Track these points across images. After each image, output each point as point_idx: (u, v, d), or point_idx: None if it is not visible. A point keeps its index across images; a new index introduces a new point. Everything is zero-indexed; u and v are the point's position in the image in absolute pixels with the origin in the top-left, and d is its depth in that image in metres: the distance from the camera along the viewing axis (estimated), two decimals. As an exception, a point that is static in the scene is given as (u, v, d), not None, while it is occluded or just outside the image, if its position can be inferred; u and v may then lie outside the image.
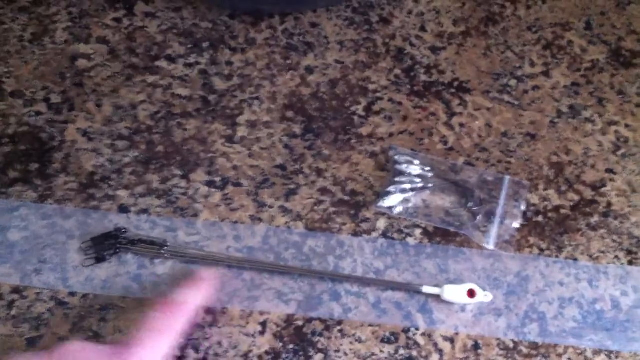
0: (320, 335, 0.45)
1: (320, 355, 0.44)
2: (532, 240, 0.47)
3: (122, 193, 0.50)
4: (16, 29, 0.56)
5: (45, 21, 0.57)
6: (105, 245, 0.48)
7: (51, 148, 0.51)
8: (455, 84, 0.54)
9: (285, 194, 0.50)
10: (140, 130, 0.52)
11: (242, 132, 0.52)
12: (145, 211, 0.49)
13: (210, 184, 0.50)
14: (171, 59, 0.55)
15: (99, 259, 0.47)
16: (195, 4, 0.57)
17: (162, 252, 0.47)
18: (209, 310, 0.45)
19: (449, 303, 0.46)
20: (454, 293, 0.45)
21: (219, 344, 0.44)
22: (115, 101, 0.54)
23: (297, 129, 0.52)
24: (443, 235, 0.48)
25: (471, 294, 0.45)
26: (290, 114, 0.53)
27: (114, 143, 0.52)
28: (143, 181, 0.50)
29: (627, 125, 0.51)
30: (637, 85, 0.52)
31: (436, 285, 0.46)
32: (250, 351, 0.44)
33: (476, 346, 0.44)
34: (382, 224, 0.48)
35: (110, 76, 0.55)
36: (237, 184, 0.50)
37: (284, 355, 0.44)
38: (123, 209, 0.49)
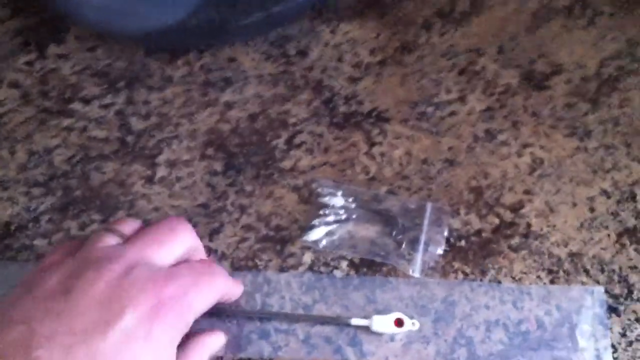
0: (250, 376, 0.44)
1: (250, 397, 0.43)
2: (456, 265, 0.48)
3: (40, 242, 0.48)
4: None
5: (-48, 67, 0.55)
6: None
7: (-38, 199, 0.50)
8: (374, 113, 0.54)
9: (209, 233, 0.49)
10: (56, 175, 0.51)
11: (161, 172, 0.51)
12: (65, 259, 0.48)
13: (131, 227, 0.49)
14: (86, 101, 0.54)
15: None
16: (109, 43, 0.56)
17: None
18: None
19: (378, 334, 0.46)
20: (382, 323, 0.45)
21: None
22: (29, 147, 0.52)
23: (218, 166, 0.52)
24: (369, 265, 0.48)
25: (399, 323, 0.45)
26: (210, 151, 0.52)
27: (29, 190, 0.51)
28: (61, 228, 0.49)
29: (541, 147, 0.52)
30: (549, 107, 0.54)
31: (365, 317, 0.46)
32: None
33: (407, 376, 0.44)
34: (308, 257, 0.48)
35: (23, 121, 0.53)
36: (160, 226, 0.49)
37: (213, 400, 0.43)
38: (41, 258, 0.48)
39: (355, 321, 0.45)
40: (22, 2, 0.59)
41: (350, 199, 0.50)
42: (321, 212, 0.50)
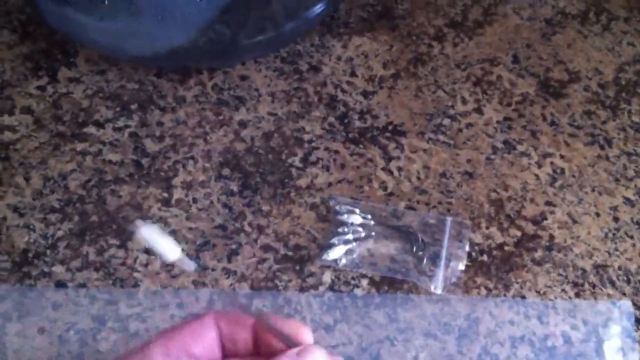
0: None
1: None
2: (479, 280, 0.47)
3: (58, 269, 0.48)
4: None
5: (-35, 94, 0.55)
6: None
7: (-22, 229, 0.49)
8: (390, 127, 0.53)
9: (227, 255, 0.48)
10: (72, 200, 0.51)
11: (178, 194, 0.51)
12: (83, 285, 0.47)
13: (149, 251, 0.49)
14: (99, 124, 0.54)
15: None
16: (120, 65, 0.56)
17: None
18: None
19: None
20: None
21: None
22: (44, 172, 0.52)
23: (234, 187, 0.51)
24: (390, 283, 0.47)
25: None
26: (226, 171, 0.52)
27: (45, 217, 0.50)
28: (79, 254, 0.49)
29: (561, 156, 0.51)
30: (568, 115, 0.53)
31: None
32: None
33: (432, 396, 0.44)
34: (328, 277, 0.48)
35: (37, 147, 0.53)
36: (177, 249, 0.49)
37: None
38: (60, 285, 0.47)
39: (378, 341, 0.45)
40: (31, 26, 0.59)
41: (369, 216, 0.49)
42: (340, 230, 0.49)
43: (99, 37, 0.53)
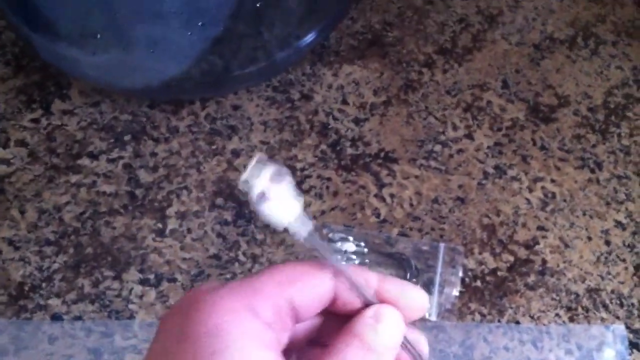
0: None
1: None
2: (473, 306, 0.47)
3: (54, 301, 0.48)
4: None
5: (-41, 129, 0.55)
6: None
7: (-27, 263, 0.49)
8: (382, 154, 0.54)
9: (221, 285, 0.49)
10: (66, 233, 0.51)
11: (172, 224, 0.51)
12: (79, 318, 0.47)
13: (143, 282, 0.49)
14: (93, 156, 0.54)
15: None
16: (113, 97, 0.57)
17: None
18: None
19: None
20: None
21: None
22: (39, 205, 0.52)
23: (228, 216, 0.51)
24: (385, 310, 0.48)
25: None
26: (220, 200, 0.52)
27: (41, 249, 0.50)
28: (74, 287, 0.49)
29: (552, 181, 0.52)
30: (558, 140, 0.54)
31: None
32: None
33: None
34: (322, 305, 0.48)
35: (32, 179, 0.53)
36: (172, 279, 0.49)
37: None
38: (56, 318, 0.47)
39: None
40: (25, 59, 0.59)
41: (362, 243, 0.50)
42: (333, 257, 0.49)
43: (92, 70, 0.53)
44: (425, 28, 0.60)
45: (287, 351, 0.32)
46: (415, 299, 0.33)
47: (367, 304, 0.32)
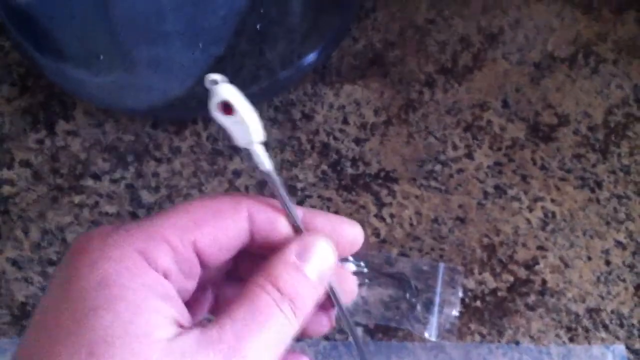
0: None
1: None
2: (472, 326, 0.47)
3: (55, 321, 0.49)
4: None
5: (-35, 149, 0.56)
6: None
7: (-23, 283, 0.50)
8: (382, 174, 0.54)
9: (222, 305, 0.49)
10: (69, 253, 0.51)
11: (173, 244, 0.51)
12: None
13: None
14: (96, 176, 0.55)
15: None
16: (117, 117, 0.57)
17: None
18: None
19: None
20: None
21: None
22: (42, 225, 0.53)
23: (229, 236, 0.52)
24: (385, 331, 0.48)
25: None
26: (221, 220, 0.52)
27: (44, 270, 0.51)
28: (75, 307, 0.49)
29: (552, 200, 0.52)
30: (558, 159, 0.54)
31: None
32: None
33: None
34: (322, 325, 0.48)
35: (35, 200, 0.54)
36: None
37: None
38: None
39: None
40: (30, 80, 0.60)
41: (362, 264, 0.50)
42: (333, 278, 0.49)
43: (96, 91, 0.54)
44: (427, 47, 0.60)
45: (199, 288, 0.30)
46: (349, 232, 0.32)
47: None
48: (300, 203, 0.53)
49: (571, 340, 0.47)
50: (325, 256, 0.29)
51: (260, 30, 0.52)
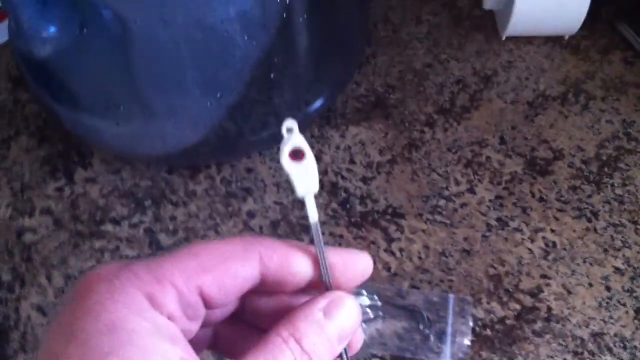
0: None
1: None
2: (484, 354, 0.50)
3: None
4: (-42, 211, 0.57)
5: (-13, 199, 0.58)
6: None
7: (8, 328, 0.52)
8: (390, 210, 0.57)
9: (243, 341, 0.51)
10: (92, 296, 0.53)
11: (193, 285, 0.54)
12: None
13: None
14: (116, 222, 0.57)
15: None
16: (134, 164, 0.60)
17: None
18: None
19: None
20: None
21: None
22: (65, 271, 0.55)
23: (246, 275, 0.54)
24: (400, 360, 0.50)
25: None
26: (237, 260, 0.55)
27: (67, 313, 0.53)
28: (101, 348, 0.51)
29: (552, 230, 0.55)
30: (555, 191, 0.57)
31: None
32: None
33: None
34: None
35: (57, 246, 0.56)
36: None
37: None
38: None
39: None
40: (48, 130, 0.62)
41: (376, 297, 0.52)
42: (349, 311, 0.52)
43: (114, 139, 0.56)
44: (425, 89, 0.63)
45: (201, 328, 0.30)
46: (358, 262, 0.32)
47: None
48: (312, 241, 0.55)
49: (578, 363, 0.49)
50: (349, 316, 0.30)
51: (269, 79, 0.55)
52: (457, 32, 0.68)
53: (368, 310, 0.52)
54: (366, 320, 0.51)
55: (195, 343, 0.29)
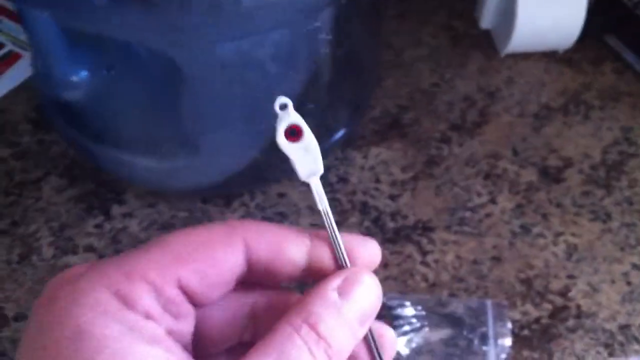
0: None
1: None
2: (525, 353, 0.54)
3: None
4: (1, 253, 0.58)
5: (28, 240, 0.59)
6: None
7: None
8: (420, 225, 0.60)
9: None
10: (147, 328, 0.55)
11: (243, 309, 0.56)
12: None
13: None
14: (159, 254, 0.59)
15: None
16: (167, 197, 0.62)
17: None
18: None
19: None
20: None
21: None
22: (115, 305, 0.56)
23: (292, 296, 0.57)
24: (448, 365, 0.53)
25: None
26: (282, 282, 0.57)
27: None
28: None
29: (572, 234, 0.59)
30: (569, 197, 0.61)
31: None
32: None
33: None
34: (392, 367, 0.53)
35: (104, 281, 0.57)
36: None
37: None
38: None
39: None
40: (76, 169, 0.64)
41: (419, 307, 0.56)
42: (395, 323, 0.55)
43: (152, 176, 0.58)
44: (436, 108, 0.67)
45: None
46: (366, 249, 0.30)
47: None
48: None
49: (610, 355, 0.53)
50: (369, 294, 0.27)
51: (303, 110, 0.57)
52: (457, 52, 0.72)
53: (414, 320, 0.55)
54: (413, 330, 0.55)
55: (202, 348, 0.27)
